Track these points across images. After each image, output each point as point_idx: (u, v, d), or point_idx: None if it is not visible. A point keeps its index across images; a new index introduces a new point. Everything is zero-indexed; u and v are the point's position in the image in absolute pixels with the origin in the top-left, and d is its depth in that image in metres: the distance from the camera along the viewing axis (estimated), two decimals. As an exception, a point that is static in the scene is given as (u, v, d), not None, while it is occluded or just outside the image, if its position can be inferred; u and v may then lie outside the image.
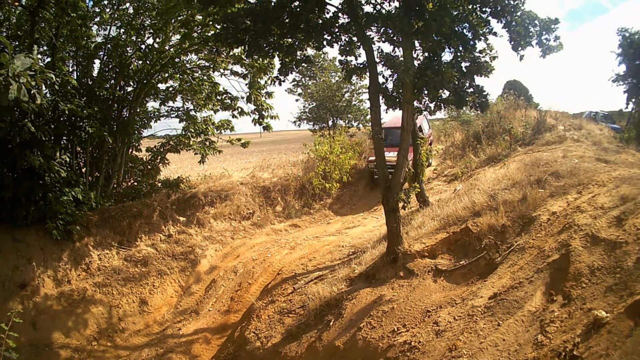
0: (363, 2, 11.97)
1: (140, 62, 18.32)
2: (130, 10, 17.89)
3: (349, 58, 12.95)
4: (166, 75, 19.18)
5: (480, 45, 11.31)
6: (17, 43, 14.85)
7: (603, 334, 5.82)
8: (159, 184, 20.38)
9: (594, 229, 8.21)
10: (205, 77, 20.38)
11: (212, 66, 19.81)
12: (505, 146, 21.30)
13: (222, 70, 19.98)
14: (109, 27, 17.70)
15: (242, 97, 20.37)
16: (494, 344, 7.13)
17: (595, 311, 6.20)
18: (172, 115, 20.82)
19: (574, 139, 19.06)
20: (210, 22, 16.61)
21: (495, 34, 11.32)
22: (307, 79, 42.99)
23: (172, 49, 18.51)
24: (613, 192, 9.48)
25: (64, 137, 16.43)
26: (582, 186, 10.72)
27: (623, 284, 6.53)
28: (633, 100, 43.21)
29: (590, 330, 6.03)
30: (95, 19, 17.80)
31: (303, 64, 13.97)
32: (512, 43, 11.17)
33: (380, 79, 11.98)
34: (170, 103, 20.54)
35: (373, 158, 20.80)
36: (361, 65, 12.59)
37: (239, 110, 20.83)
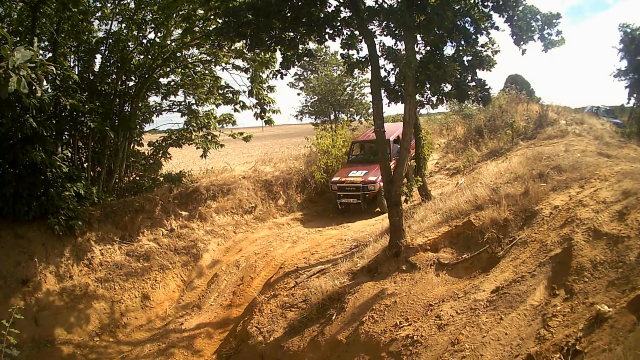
0: (365, -4, 11.98)
1: (141, 56, 18.32)
2: (132, 5, 17.88)
3: (350, 52, 12.96)
4: (168, 69, 19.18)
5: (482, 39, 11.31)
6: (18, 39, 14.84)
7: (605, 329, 5.82)
8: (161, 179, 20.36)
9: (596, 223, 8.20)
10: (206, 72, 20.40)
11: (213, 60, 19.82)
12: (507, 140, 21.33)
13: (223, 65, 19.98)
14: (110, 22, 17.73)
15: (244, 91, 20.41)
16: (497, 338, 7.13)
17: (598, 305, 6.20)
18: (173, 110, 20.86)
19: (575, 133, 19.06)
20: (212, 17, 16.56)
21: (497, 28, 11.33)
22: (309, 72, 43.08)
23: (173, 44, 18.48)
24: (615, 186, 9.47)
25: (66, 132, 16.45)
26: (584, 180, 10.71)
27: (625, 278, 6.53)
28: (634, 95, 43.15)
29: (593, 324, 6.03)
30: (97, 14, 17.76)
31: (305, 58, 13.98)
32: (514, 37, 11.16)
33: (382, 73, 12.00)
34: (172, 97, 20.59)
35: (337, 179, 20.12)
36: (363, 59, 12.59)
37: (241, 104, 20.82)
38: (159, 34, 18.33)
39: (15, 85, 5.17)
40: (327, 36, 12.64)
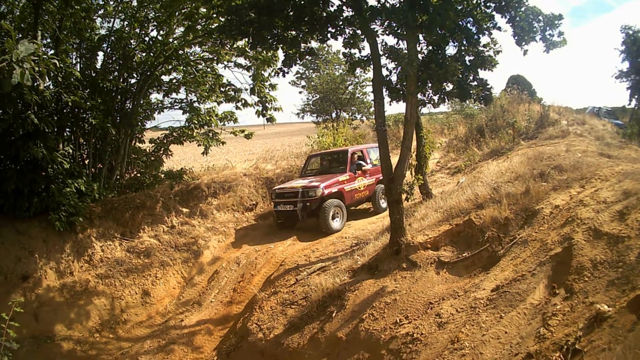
0: (367, -5, 11.98)
1: (144, 54, 18.35)
2: (134, 3, 17.88)
3: (352, 51, 12.99)
4: (170, 67, 19.22)
5: (484, 39, 11.31)
6: (20, 36, 14.86)
7: (605, 328, 5.83)
8: (162, 176, 20.40)
9: (597, 223, 8.22)
10: (208, 69, 20.40)
11: (215, 58, 19.83)
12: (509, 140, 21.40)
13: (225, 63, 20.01)
14: (112, 19, 17.74)
15: (246, 89, 20.48)
16: (496, 337, 7.14)
17: (598, 305, 6.21)
18: (175, 107, 20.89)
19: (577, 133, 19.11)
20: (214, 15, 16.63)
21: (499, 28, 11.31)
22: (311, 71, 43.12)
23: (175, 42, 18.52)
24: (616, 186, 9.50)
25: (67, 129, 16.52)
26: (585, 180, 10.74)
27: (625, 278, 6.55)
28: (636, 96, 43.47)
29: (593, 324, 6.04)
30: (99, 12, 17.81)
31: (307, 57, 13.99)
32: (516, 38, 11.17)
33: (384, 72, 12.00)
34: (174, 95, 20.61)
35: (278, 186, 18.81)
36: (365, 58, 12.63)
37: (243, 102, 20.88)
38: (161, 32, 18.34)
39: (18, 78, 5.18)
40: (329, 35, 12.66)
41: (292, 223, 18.05)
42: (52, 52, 15.50)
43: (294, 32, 12.82)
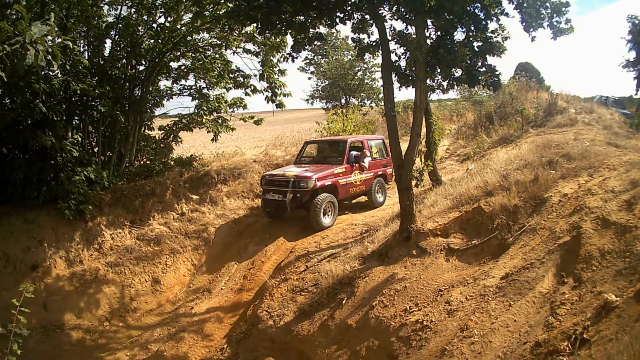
0: (375, -20, 11.91)
1: (152, 41, 18.27)
2: (141, -10, 17.82)
3: (361, 36, 12.99)
4: (178, 53, 19.13)
5: (492, 25, 11.27)
6: (28, 25, 14.83)
7: (613, 318, 5.84)
8: (172, 163, 20.44)
9: (605, 212, 8.21)
10: (217, 55, 20.32)
11: (224, 44, 19.77)
12: (517, 127, 21.43)
13: (234, 48, 19.91)
14: (120, 6, 17.67)
15: (255, 75, 20.42)
16: (505, 325, 7.17)
17: (606, 294, 6.22)
18: (184, 94, 20.81)
19: (585, 122, 19.09)
20: (223, 0, 16.56)
21: (507, 14, 11.27)
22: (320, 57, 43.04)
23: (183, 28, 18.45)
24: (623, 176, 9.48)
25: (76, 117, 16.51)
26: (593, 169, 10.71)
27: (633, 268, 6.56)
28: (643, 87, 43.18)
29: (601, 313, 6.06)
30: (106, -1, 17.76)
31: (315, 42, 13.94)
32: (524, 24, 11.13)
33: (393, 57, 11.97)
34: (183, 81, 20.51)
35: (269, 172, 18.13)
36: (374, 43, 12.62)
37: (252, 88, 20.83)
38: (169, 18, 18.27)
39: (32, 59, 5.17)
40: (337, 20, 12.64)
41: (280, 214, 17.36)
42: (59, 40, 15.44)
43: (302, 17, 12.81)
